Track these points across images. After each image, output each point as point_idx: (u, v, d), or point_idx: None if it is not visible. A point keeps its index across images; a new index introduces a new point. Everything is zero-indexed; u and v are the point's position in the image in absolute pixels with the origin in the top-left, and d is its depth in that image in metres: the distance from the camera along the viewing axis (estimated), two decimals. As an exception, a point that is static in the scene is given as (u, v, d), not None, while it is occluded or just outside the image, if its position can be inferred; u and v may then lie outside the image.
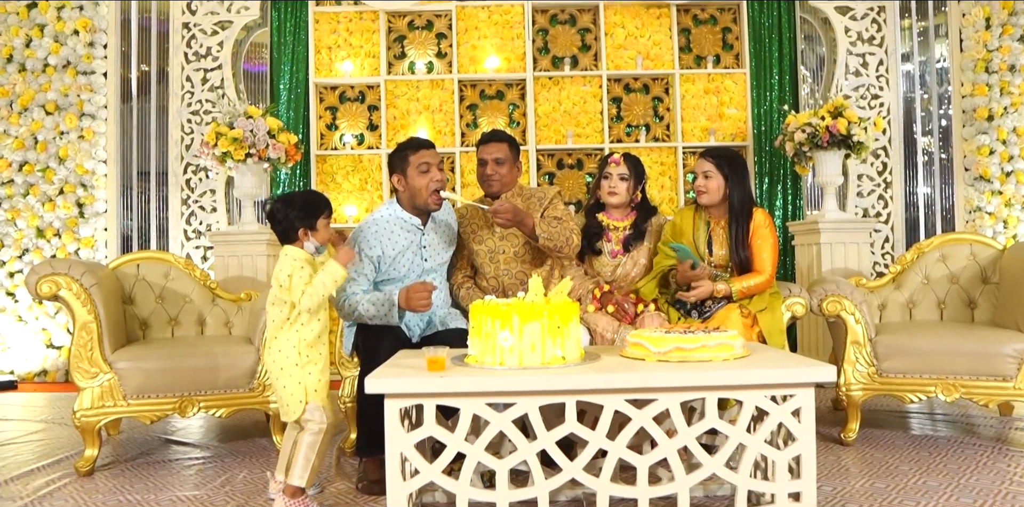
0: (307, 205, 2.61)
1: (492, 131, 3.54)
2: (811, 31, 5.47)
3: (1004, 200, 5.01)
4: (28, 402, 4.59)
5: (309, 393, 2.51)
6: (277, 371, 2.53)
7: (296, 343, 2.51)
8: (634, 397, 2.21)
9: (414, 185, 3.09)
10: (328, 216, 2.64)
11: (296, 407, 2.50)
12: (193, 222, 5.32)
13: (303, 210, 2.58)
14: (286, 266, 2.52)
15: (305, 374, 2.51)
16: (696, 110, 5.46)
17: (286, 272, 2.51)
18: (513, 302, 2.32)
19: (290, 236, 2.59)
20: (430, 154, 3.10)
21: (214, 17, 5.34)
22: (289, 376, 2.50)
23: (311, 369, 2.52)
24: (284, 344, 2.52)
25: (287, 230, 2.59)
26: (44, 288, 3.08)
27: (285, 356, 2.51)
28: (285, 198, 2.65)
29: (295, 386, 2.50)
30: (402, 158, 3.11)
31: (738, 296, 3.18)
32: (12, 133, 5.24)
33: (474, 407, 2.19)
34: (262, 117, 4.55)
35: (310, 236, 2.59)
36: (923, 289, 3.76)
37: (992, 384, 3.16)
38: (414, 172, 3.08)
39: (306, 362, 2.52)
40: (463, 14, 5.49)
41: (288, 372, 2.50)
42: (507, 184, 3.42)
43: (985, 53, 5.03)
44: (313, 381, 2.52)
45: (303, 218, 2.58)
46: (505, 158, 3.38)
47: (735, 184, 3.30)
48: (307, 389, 2.51)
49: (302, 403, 2.50)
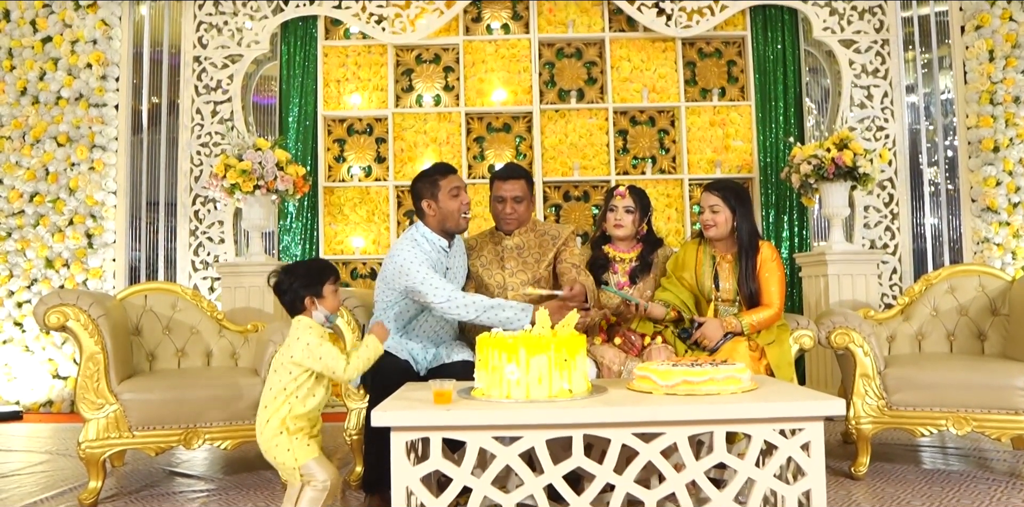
0: (311, 272, 2.54)
1: (509, 167, 3.55)
2: (816, 64, 5.52)
3: (1012, 231, 5.00)
4: (33, 433, 4.57)
5: (300, 457, 2.40)
6: (267, 445, 2.43)
7: (284, 415, 2.41)
8: (641, 431, 2.19)
9: (447, 208, 3.16)
10: (335, 282, 2.57)
11: (295, 475, 2.40)
12: (201, 253, 5.34)
13: (307, 277, 2.52)
14: (303, 334, 2.45)
15: (293, 440, 2.40)
16: (702, 142, 5.49)
17: (304, 341, 2.43)
18: (520, 335, 2.31)
19: (297, 307, 2.52)
20: (458, 179, 3.23)
21: (225, 51, 5.42)
22: (276, 446, 2.40)
23: (298, 435, 2.42)
24: (273, 417, 2.41)
25: (294, 300, 2.52)
26: (52, 319, 3.08)
27: (272, 428, 2.41)
28: (288, 267, 2.59)
29: (285, 455, 2.39)
30: (432, 183, 3.18)
31: (749, 330, 3.17)
32: (24, 164, 5.29)
33: (480, 440, 2.17)
34: (271, 149, 4.59)
35: (317, 304, 2.51)
36: (932, 321, 3.74)
37: (1004, 418, 3.13)
38: (446, 196, 3.16)
39: (295, 430, 2.41)
40: (470, 48, 5.55)
41: (275, 443, 2.40)
42: (523, 222, 3.44)
43: (989, 85, 5.05)
44: (302, 446, 2.41)
45: (307, 286, 2.51)
46: (523, 196, 3.40)
47: (742, 217, 3.31)
48: (296, 454, 2.40)
49: (296, 470, 2.39)
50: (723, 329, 3.17)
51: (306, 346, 2.42)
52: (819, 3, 5.33)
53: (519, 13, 5.61)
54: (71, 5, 5.34)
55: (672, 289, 3.35)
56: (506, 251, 3.40)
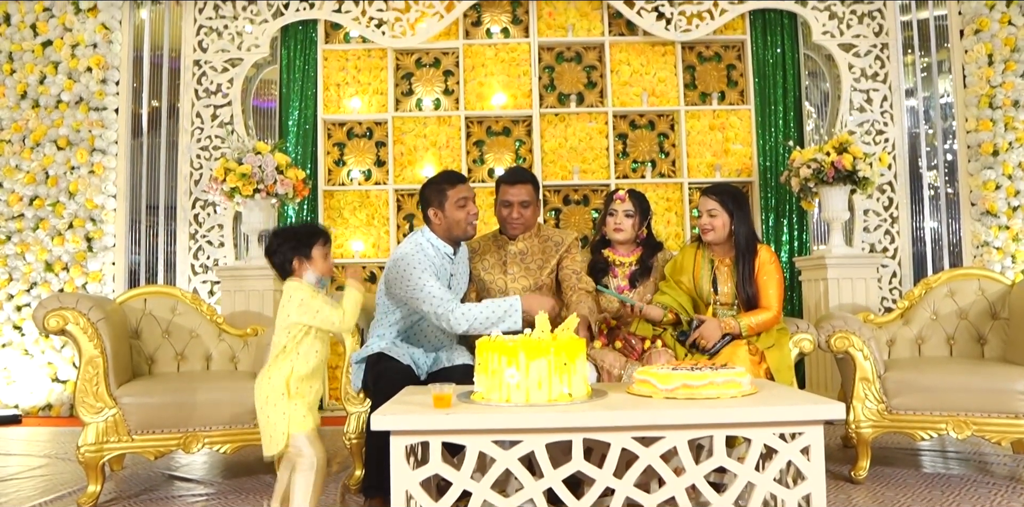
0: (300, 235, 2.58)
1: (516, 171, 3.54)
2: (815, 68, 5.53)
3: (1011, 235, 5.00)
4: (32, 437, 4.57)
5: (293, 425, 2.42)
6: (263, 401, 2.45)
7: (287, 374, 2.44)
8: (641, 434, 2.19)
9: (453, 218, 3.14)
10: (324, 245, 2.59)
11: (279, 439, 2.41)
12: (201, 257, 5.33)
13: (296, 240, 2.56)
14: (295, 292, 2.48)
15: (291, 406, 2.43)
16: (702, 146, 5.50)
17: (297, 298, 2.47)
18: (520, 339, 2.31)
19: (287, 269, 2.55)
20: (467, 189, 3.18)
21: (225, 55, 5.42)
22: (274, 406, 2.42)
23: (298, 401, 2.45)
24: (275, 374, 2.45)
25: (283, 263, 2.55)
26: (52, 322, 3.08)
27: (272, 386, 2.44)
28: (278, 231, 2.64)
29: (279, 417, 2.42)
30: (439, 192, 3.16)
31: (747, 332, 3.17)
32: (24, 168, 5.29)
33: (480, 444, 2.17)
34: (270, 153, 4.59)
35: (307, 266, 2.54)
36: (932, 325, 3.74)
37: (1004, 421, 3.12)
38: (452, 206, 3.13)
39: (295, 394, 2.45)
40: (470, 52, 5.56)
41: (273, 402, 2.43)
42: (529, 226, 3.44)
43: (989, 89, 5.06)
44: (298, 415, 2.43)
45: (296, 247, 2.54)
46: (530, 200, 3.39)
47: (739, 221, 3.31)
48: (291, 420, 2.42)
49: (284, 435, 2.41)
50: (721, 330, 3.17)
51: (300, 302, 2.46)
52: (818, 7, 5.34)
53: (519, 17, 5.61)
54: (71, 9, 5.35)
55: (670, 293, 3.35)
56: (509, 256, 3.41)
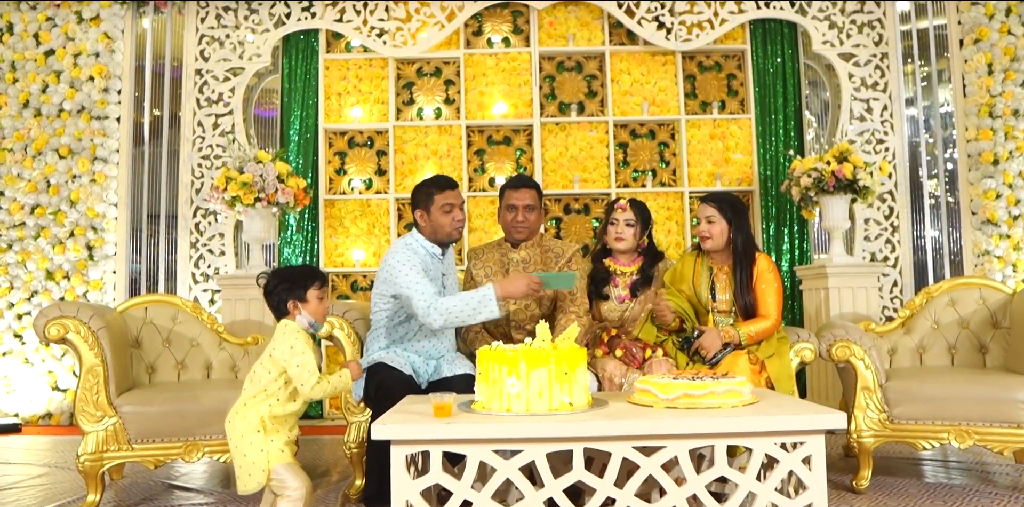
0: (296, 276, 2.53)
1: (520, 176, 3.62)
2: (815, 77, 5.54)
3: (1012, 244, 5.00)
4: (31, 445, 4.56)
5: (272, 459, 2.36)
6: (237, 438, 2.38)
7: (264, 414, 2.39)
8: (642, 444, 2.19)
9: (437, 222, 3.18)
10: (320, 288, 2.54)
11: (258, 476, 2.35)
12: (201, 265, 5.34)
13: (292, 281, 2.51)
14: (290, 337, 2.43)
15: (268, 441, 2.37)
16: (702, 155, 5.51)
17: (289, 343, 2.41)
18: (520, 348, 2.31)
19: (282, 310, 2.52)
20: (454, 195, 3.19)
21: (226, 64, 5.44)
22: (249, 444, 2.36)
23: (275, 437, 2.39)
24: (250, 412, 2.39)
25: (279, 303, 2.52)
26: (52, 331, 3.08)
27: (248, 423, 2.38)
28: (276, 270, 2.59)
29: (256, 454, 2.35)
30: (427, 195, 3.19)
31: (746, 341, 3.17)
32: (26, 176, 5.30)
33: (481, 454, 2.17)
34: (272, 162, 4.60)
35: (301, 309, 2.50)
36: (933, 334, 3.73)
37: (1006, 431, 3.11)
38: (438, 211, 3.17)
39: (271, 430, 2.39)
40: (471, 61, 5.58)
41: (249, 440, 2.36)
42: (534, 232, 3.48)
43: (988, 98, 5.07)
44: (275, 450, 2.37)
45: (291, 289, 2.50)
46: (535, 205, 3.44)
47: (737, 228, 3.32)
48: (269, 456, 2.36)
49: (264, 472, 2.35)
50: (721, 339, 3.17)
51: (290, 349, 2.41)
52: (818, 17, 5.36)
53: (520, 27, 5.63)
54: (74, 18, 5.37)
55: (673, 299, 3.34)
56: (511, 264, 3.45)
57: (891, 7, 5.37)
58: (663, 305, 3.24)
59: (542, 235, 3.55)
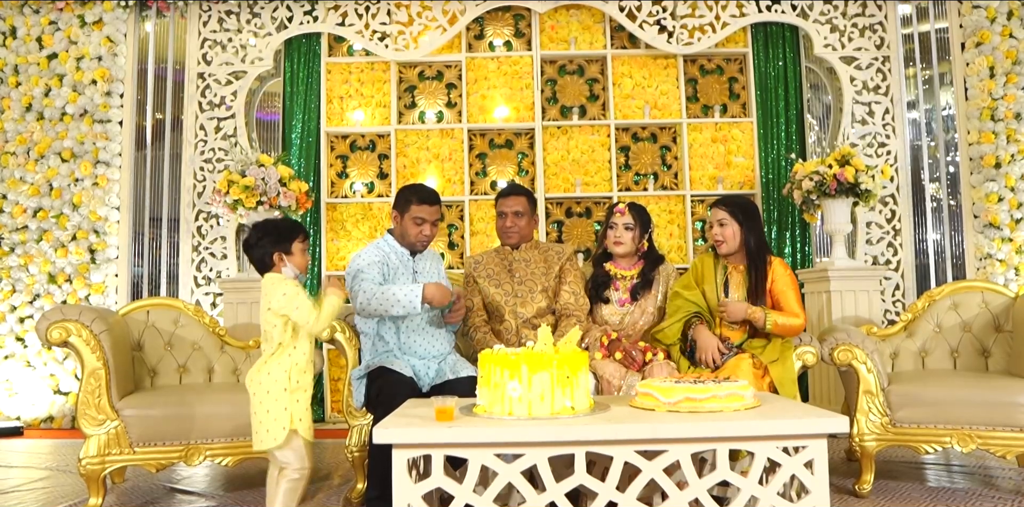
0: (280, 229, 2.60)
1: (510, 185, 3.75)
2: (817, 80, 5.54)
3: (1015, 247, 4.99)
4: (33, 449, 4.56)
5: (294, 420, 2.45)
6: (263, 395, 2.45)
7: (288, 368, 2.46)
8: (644, 448, 2.19)
9: (405, 229, 3.23)
10: (303, 240, 2.63)
11: (278, 434, 2.43)
12: (203, 269, 5.34)
13: (277, 234, 2.58)
14: (279, 285, 2.49)
15: (293, 401, 2.45)
16: (704, 158, 5.51)
17: (281, 290, 2.48)
18: (522, 351, 2.31)
19: (266, 263, 2.58)
20: (429, 211, 3.21)
21: (229, 67, 5.45)
22: (275, 400, 2.44)
23: (300, 396, 2.47)
24: (275, 368, 2.47)
25: (263, 257, 2.58)
26: (54, 334, 3.08)
27: (274, 379, 2.45)
28: (258, 224, 2.66)
29: (280, 411, 2.43)
30: (405, 201, 3.23)
31: (771, 327, 3.16)
32: (28, 180, 5.31)
33: (482, 458, 2.16)
34: (274, 165, 4.61)
35: (286, 261, 2.56)
36: (935, 337, 3.73)
37: (1009, 435, 3.11)
38: (409, 220, 3.21)
39: (295, 388, 2.47)
40: (473, 65, 5.58)
41: (275, 396, 2.44)
42: (525, 236, 3.55)
43: (990, 101, 5.07)
44: (300, 409, 2.46)
45: (276, 242, 2.57)
46: (524, 211, 3.52)
47: (749, 230, 3.32)
48: (292, 416, 2.45)
49: (285, 430, 2.43)
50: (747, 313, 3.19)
51: (283, 296, 2.47)
52: (820, 20, 5.36)
53: (521, 30, 5.64)
54: (77, 22, 5.39)
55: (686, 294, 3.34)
56: (514, 263, 3.52)
57: (892, 10, 5.37)
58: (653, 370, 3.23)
59: (537, 240, 3.65)
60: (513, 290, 3.46)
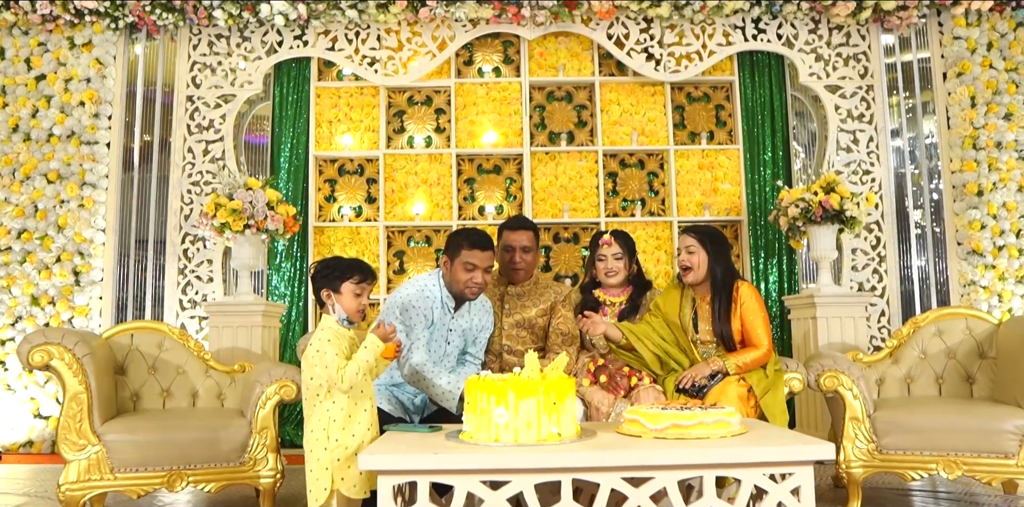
0: (338, 266, 2.53)
1: (518, 218, 3.68)
2: (802, 108, 5.60)
3: (998, 274, 5.04)
4: (11, 474, 4.49)
5: (336, 480, 2.39)
6: (307, 454, 2.42)
7: (326, 424, 2.41)
8: (631, 475, 2.17)
9: (455, 275, 3.12)
10: (358, 283, 2.51)
11: (320, 495, 2.39)
12: (189, 292, 5.31)
13: (331, 270, 2.51)
14: (315, 339, 2.45)
15: (334, 460, 2.40)
16: (691, 185, 5.54)
17: (315, 346, 2.42)
18: (509, 378, 2.30)
19: (320, 299, 2.53)
20: (482, 257, 3.09)
21: (217, 91, 5.46)
22: (316, 460, 2.40)
23: (339, 454, 2.41)
24: (315, 425, 2.42)
25: (316, 292, 2.53)
26: (36, 357, 3.05)
27: (316, 438, 2.41)
28: (325, 259, 2.59)
29: (322, 471, 2.39)
30: (456, 246, 3.13)
31: (735, 371, 3.16)
32: (13, 201, 5.28)
33: (468, 485, 2.15)
34: (261, 189, 4.60)
35: (334, 300, 2.50)
36: (921, 364, 3.74)
37: (994, 461, 3.12)
38: (459, 266, 3.10)
39: (335, 446, 2.41)
40: (462, 90, 5.62)
41: (316, 455, 2.40)
42: (530, 272, 3.52)
43: (972, 130, 5.14)
44: (342, 468, 2.40)
45: (328, 278, 2.50)
46: (531, 246, 3.48)
47: (716, 258, 3.34)
48: (334, 477, 2.39)
49: (327, 491, 2.38)
50: (708, 367, 3.16)
51: (315, 353, 2.41)
52: (805, 49, 5.43)
53: (510, 57, 5.68)
54: (66, 43, 5.39)
55: (653, 324, 3.34)
56: (508, 297, 3.49)
57: (876, 40, 5.45)
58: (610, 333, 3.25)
59: (538, 275, 3.62)
60: (500, 322, 3.44)
